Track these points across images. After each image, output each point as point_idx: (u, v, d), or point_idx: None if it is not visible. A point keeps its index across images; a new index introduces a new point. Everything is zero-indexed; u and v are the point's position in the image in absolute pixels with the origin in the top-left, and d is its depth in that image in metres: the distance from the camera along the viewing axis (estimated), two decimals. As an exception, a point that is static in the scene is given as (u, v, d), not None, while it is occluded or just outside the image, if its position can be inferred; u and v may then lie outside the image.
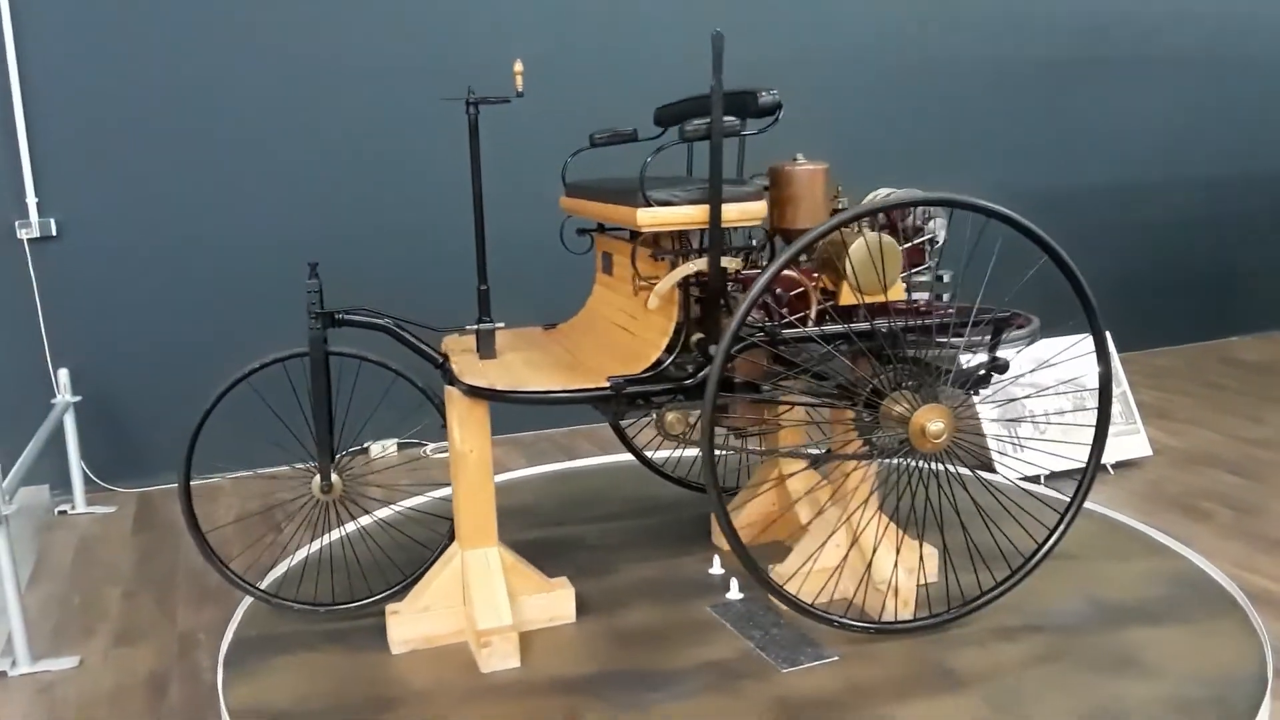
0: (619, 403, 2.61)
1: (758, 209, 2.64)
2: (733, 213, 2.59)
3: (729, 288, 2.69)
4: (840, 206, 2.91)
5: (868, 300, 2.68)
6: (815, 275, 2.75)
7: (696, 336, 2.66)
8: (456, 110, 2.83)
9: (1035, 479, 3.95)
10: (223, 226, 4.41)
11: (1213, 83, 6.25)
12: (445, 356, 2.90)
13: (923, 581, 2.97)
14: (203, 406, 2.79)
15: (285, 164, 4.47)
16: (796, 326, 2.68)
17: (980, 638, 2.74)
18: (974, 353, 2.86)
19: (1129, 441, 4.37)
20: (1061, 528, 2.82)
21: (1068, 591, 3.00)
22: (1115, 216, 6.15)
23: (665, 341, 2.64)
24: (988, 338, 2.78)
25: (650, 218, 2.56)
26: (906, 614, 2.80)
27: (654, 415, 2.65)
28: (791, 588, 2.77)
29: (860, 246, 2.68)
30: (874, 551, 2.85)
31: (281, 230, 4.47)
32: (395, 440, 4.43)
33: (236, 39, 4.34)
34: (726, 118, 2.57)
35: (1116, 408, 4.41)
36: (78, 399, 4.14)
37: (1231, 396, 5.39)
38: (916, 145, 5.51)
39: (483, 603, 2.73)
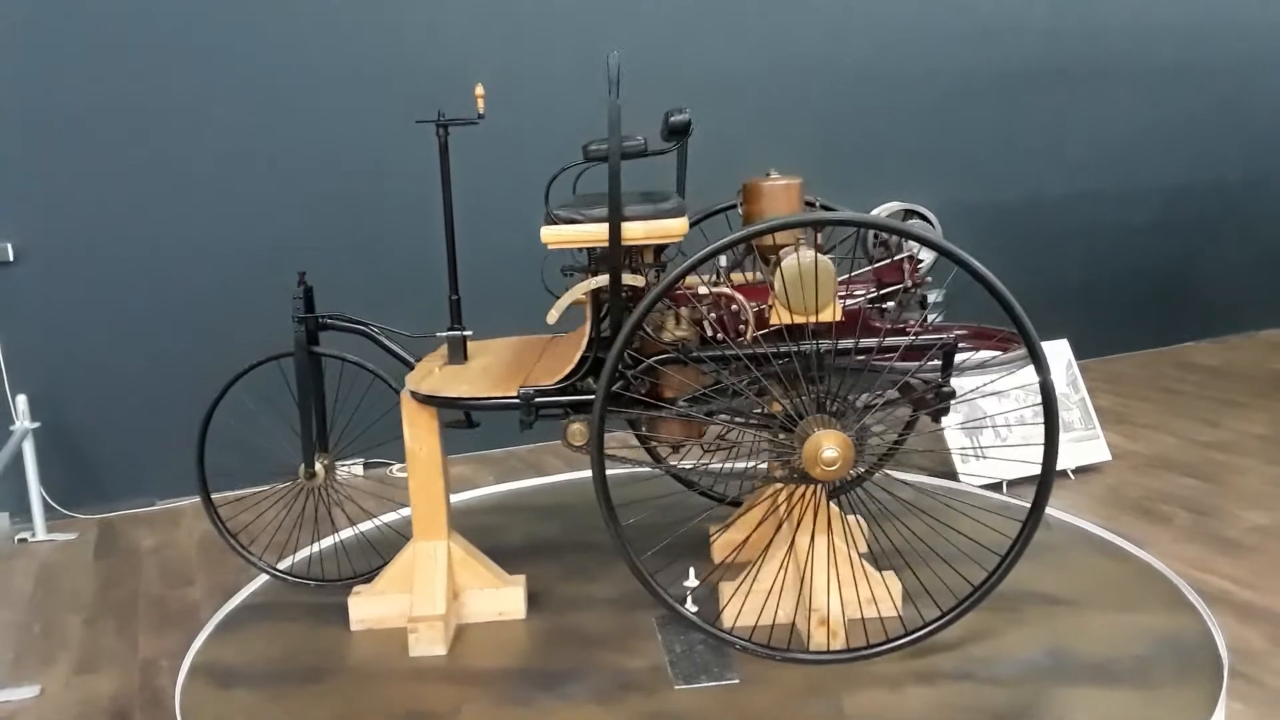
0: (528, 412, 2.72)
1: (672, 227, 2.65)
2: (637, 231, 2.61)
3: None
4: None
5: (796, 320, 2.61)
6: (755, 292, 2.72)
7: (612, 352, 2.71)
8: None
9: (997, 486, 3.92)
10: (183, 251, 4.36)
11: (1166, 92, 6.18)
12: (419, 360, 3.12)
13: (888, 614, 2.86)
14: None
15: (249, 186, 4.40)
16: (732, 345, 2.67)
17: (898, 679, 2.60)
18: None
19: (1089, 446, 4.38)
20: (999, 572, 2.61)
21: (1035, 640, 2.76)
22: (1072, 225, 6.07)
23: (578, 355, 2.71)
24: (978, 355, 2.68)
25: (552, 235, 2.64)
26: (834, 644, 2.70)
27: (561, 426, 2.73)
28: (734, 607, 2.78)
29: (791, 264, 2.62)
30: (775, 573, 2.77)
31: (245, 254, 4.40)
32: (361, 461, 4.29)
33: (199, 58, 4.27)
34: (637, 138, 2.60)
35: (1076, 414, 4.33)
36: (36, 425, 4.13)
37: (1188, 400, 5.44)
38: (878, 158, 5.42)
39: (421, 592, 2.93)
